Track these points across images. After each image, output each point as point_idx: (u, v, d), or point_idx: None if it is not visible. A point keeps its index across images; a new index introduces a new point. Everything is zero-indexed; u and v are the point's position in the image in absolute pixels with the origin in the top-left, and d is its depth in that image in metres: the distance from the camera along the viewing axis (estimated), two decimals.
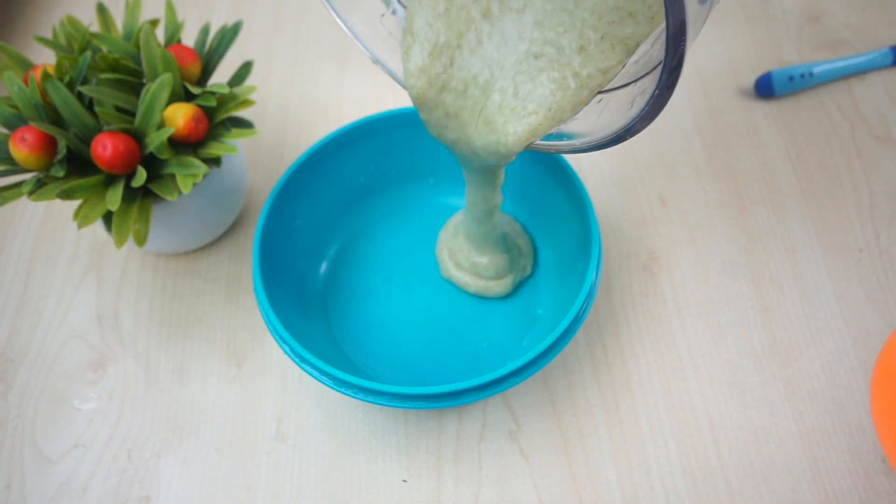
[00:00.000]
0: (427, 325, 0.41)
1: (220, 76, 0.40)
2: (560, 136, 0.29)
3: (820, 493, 0.35)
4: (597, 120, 0.28)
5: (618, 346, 0.40)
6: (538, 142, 0.30)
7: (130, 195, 0.36)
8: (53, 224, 0.47)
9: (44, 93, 0.35)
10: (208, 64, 0.40)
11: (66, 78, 0.36)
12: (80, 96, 0.36)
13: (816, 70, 0.49)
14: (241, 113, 0.39)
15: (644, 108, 0.23)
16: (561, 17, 0.27)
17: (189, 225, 0.42)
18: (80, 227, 0.34)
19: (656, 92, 0.22)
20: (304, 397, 0.39)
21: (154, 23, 0.38)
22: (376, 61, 0.33)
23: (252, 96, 0.39)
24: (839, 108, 0.49)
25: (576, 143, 0.29)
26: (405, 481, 0.36)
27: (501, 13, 0.28)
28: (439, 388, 0.32)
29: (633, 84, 0.26)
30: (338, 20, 0.32)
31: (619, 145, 0.27)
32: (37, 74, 0.36)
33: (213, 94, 0.37)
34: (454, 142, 0.32)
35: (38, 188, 0.34)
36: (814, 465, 0.36)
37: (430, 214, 0.45)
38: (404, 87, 0.31)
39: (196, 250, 0.45)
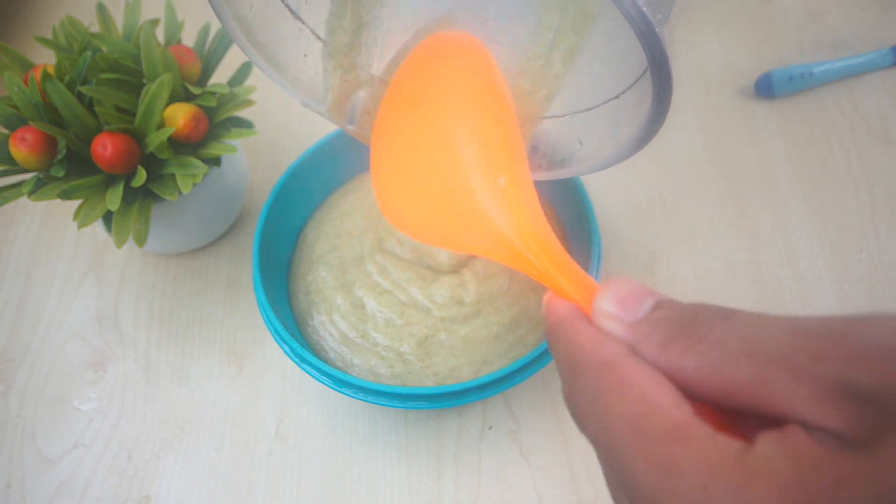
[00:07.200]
0: None
1: (220, 76, 0.40)
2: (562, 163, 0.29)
3: None
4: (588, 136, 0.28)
5: None
6: (542, 172, 0.30)
7: (130, 195, 0.36)
8: (53, 224, 0.47)
9: (44, 93, 0.35)
10: (208, 64, 0.40)
11: (66, 78, 0.36)
12: (80, 96, 0.36)
13: (816, 70, 0.48)
14: (241, 113, 0.39)
15: (641, 126, 0.23)
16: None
17: (189, 225, 0.42)
18: (80, 227, 0.34)
19: (651, 116, 0.22)
20: (304, 397, 0.39)
21: (154, 23, 0.38)
22: (306, 104, 0.31)
23: (252, 96, 0.39)
24: (839, 108, 0.49)
25: (580, 167, 0.28)
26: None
27: None
28: (439, 388, 0.32)
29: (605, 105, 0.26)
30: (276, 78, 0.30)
31: (643, 147, 0.27)
32: (37, 74, 0.36)
33: (213, 94, 0.37)
34: None
35: (38, 188, 0.34)
36: None
37: None
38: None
39: (196, 250, 0.45)
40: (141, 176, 0.35)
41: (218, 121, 0.38)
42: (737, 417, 0.13)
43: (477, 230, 0.21)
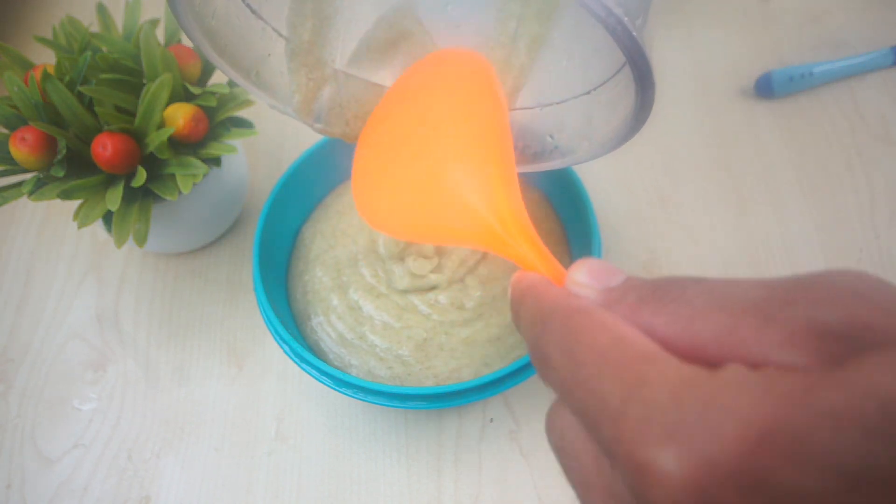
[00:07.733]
0: None
1: (220, 76, 0.40)
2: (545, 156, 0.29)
3: None
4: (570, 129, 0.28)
5: None
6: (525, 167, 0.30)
7: (130, 195, 0.36)
8: (53, 224, 0.47)
9: (44, 93, 0.35)
10: (208, 64, 0.40)
11: (66, 78, 0.36)
12: (80, 96, 0.36)
13: (816, 70, 0.48)
14: (241, 113, 0.39)
15: (626, 123, 0.23)
16: None
17: (189, 225, 0.42)
18: (80, 227, 0.34)
19: (636, 114, 0.22)
20: (304, 397, 0.39)
21: (154, 23, 0.38)
22: (273, 107, 0.31)
23: (251, 96, 0.39)
24: (839, 108, 0.49)
25: (554, 162, 0.29)
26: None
27: None
28: (439, 388, 0.32)
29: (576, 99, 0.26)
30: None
31: (620, 147, 0.27)
32: (37, 74, 0.36)
33: (213, 93, 0.37)
34: None
35: (38, 188, 0.34)
36: None
37: None
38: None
39: (196, 250, 0.45)
40: (141, 176, 0.35)
41: (218, 121, 0.38)
42: None
43: (459, 219, 0.21)
